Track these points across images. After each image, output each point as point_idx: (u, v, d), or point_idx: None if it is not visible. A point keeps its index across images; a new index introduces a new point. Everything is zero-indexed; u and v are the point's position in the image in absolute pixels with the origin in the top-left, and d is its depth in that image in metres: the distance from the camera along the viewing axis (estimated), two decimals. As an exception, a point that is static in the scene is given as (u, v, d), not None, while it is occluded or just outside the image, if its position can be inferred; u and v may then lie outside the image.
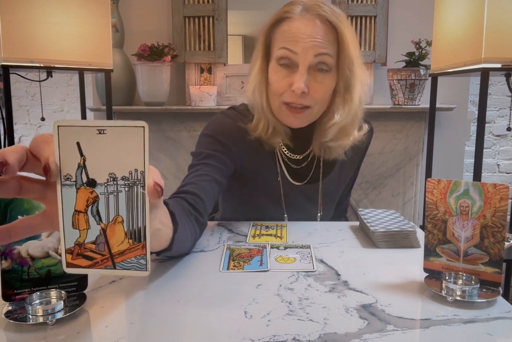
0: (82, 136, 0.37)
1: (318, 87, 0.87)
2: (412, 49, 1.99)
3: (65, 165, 0.38)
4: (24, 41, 1.43)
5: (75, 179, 0.38)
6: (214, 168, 0.89)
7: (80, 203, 0.39)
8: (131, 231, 0.39)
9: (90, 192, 0.39)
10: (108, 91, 1.75)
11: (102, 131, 0.37)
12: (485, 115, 1.46)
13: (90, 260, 0.40)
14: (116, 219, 0.39)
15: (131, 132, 0.37)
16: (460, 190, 0.58)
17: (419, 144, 2.17)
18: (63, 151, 0.38)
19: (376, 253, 0.76)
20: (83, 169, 0.38)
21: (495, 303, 0.56)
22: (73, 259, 0.40)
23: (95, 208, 0.39)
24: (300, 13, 0.86)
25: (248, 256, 0.73)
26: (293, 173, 1.00)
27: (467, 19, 1.44)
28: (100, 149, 0.38)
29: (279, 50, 0.87)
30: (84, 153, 0.38)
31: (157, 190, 0.39)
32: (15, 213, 0.51)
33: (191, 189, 0.80)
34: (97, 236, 0.40)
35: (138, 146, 0.37)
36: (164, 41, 2.07)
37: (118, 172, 0.38)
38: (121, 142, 0.37)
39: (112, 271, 0.40)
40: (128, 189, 0.39)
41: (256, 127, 0.94)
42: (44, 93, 2.56)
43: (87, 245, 0.40)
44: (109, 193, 0.39)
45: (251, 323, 0.51)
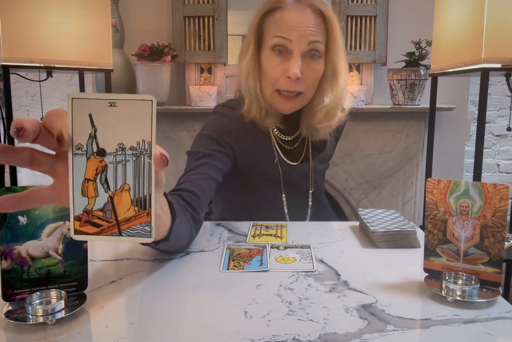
0: (94, 108, 0.39)
1: (310, 73, 0.93)
2: (412, 49, 1.99)
3: (77, 135, 0.40)
4: (24, 41, 1.43)
5: (86, 148, 0.40)
6: (211, 167, 0.90)
7: (90, 171, 0.40)
8: (137, 198, 0.41)
9: (99, 161, 0.40)
10: (108, 91, 1.75)
11: (113, 104, 0.39)
12: (485, 115, 1.46)
13: (97, 227, 0.41)
14: (123, 187, 0.41)
15: (140, 105, 0.39)
16: (460, 190, 0.58)
17: (419, 144, 2.17)
18: (76, 122, 0.39)
19: (376, 253, 0.76)
20: (94, 140, 0.40)
21: (495, 303, 0.56)
22: (81, 226, 0.41)
23: (103, 176, 0.41)
24: (292, 3, 0.92)
25: (248, 256, 0.73)
26: (288, 153, 1.05)
27: (467, 19, 1.44)
28: (110, 120, 0.40)
29: (274, 38, 0.92)
30: (95, 124, 0.40)
31: (163, 159, 0.41)
32: (15, 213, 0.51)
33: (187, 187, 0.81)
34: (104, 203, 0.41)
35: (146, 119, 0.40)
36: (164, 41, 2.07)
37: (126, 142, 0.40)
38: (130, 114, 0.40)
39: (118, 238, 0.42)
40: (135, 158, 0.40)
41: (250, 110, 0.98)
42: (44, 93, 2.55)
43: (95, 212, 0.41)
44: (117, 162, 0.41)
45: (251, 323, 0.51)
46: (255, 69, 0.96)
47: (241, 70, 0.98)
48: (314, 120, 0.99)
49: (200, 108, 2.02)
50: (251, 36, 0.96)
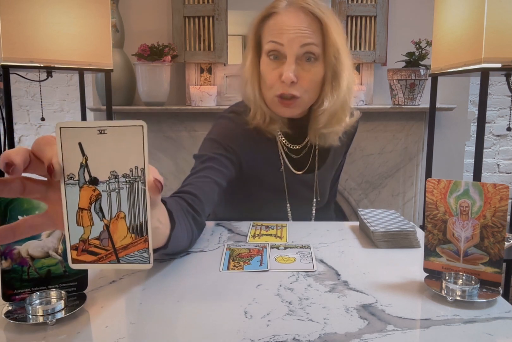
0: (83, 136, 0.39)
1: (306, 76, 0.92)
2: (412, 49, 1.99)
3: (68, 165, 0.39)
4: (24, 41, 1.43)
5: (78, 177, 0.40)
6: (215, 170, 0.90)
7: (84, 200, 0.40)
8: (133, 225, 0.41)
9: (92, 189, 0.40)
10: (108, 91, 1.75)
11: (102, 131, 0.39)
12: (485, 115, 1.46)
13: (95, 255, 0.41)
14: (118, 215, 0.41)
15: (130, 131, 0.39)
16: (460, 190, 0.58)
17: (419, 144, 2.17)
18: (66, 151, 0.39)
19: (376, 253, 0.76)
20: (86, 168, 0.40)
21: (495, 303, 0.56)
22: (78, 255, 0.41)
23: (98, 205, 0.40)
24: (284, 7, 0.92)
25: (248, 256, 0.73)
26: (293, 162, 1.04)
27: (467, 19, 1.44)
28: (101, 148, 0.39)
29: (268, 43, 0.92)
30: (86, 153, 0.39)
31: (157, 185, 0.40)
32: (15, 213, 0.51)
33: (189, 189, 0.81)
34: (100, 231, 0.41)
35: (137, 145, 0.39)
36: (164, 41, 2.07)
37: (119, 169, 0.40)
38: (121, 141, 0.39)
39: (116, 265, 0.42)
40: (129, 185, 0.40)
41: (254, 117, 0.98)
42: (44, 93, 2.56)
43: (91, 240, 0.41)
44: (111, 190, 0.40)
45: (251, 323, 0.51)
46: (254, 76, 0.96)
47: (241, 78, 0.99)
48: (318, 125, 0.98)
49: (200, 108, 2.02)
50: (249, 43, 0.97)
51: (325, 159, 1.08)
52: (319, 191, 1.08)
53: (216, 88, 2.07)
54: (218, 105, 2.06)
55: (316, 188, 1.07)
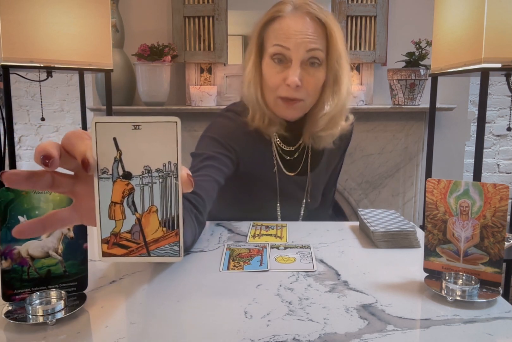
0: (118, 131, 0.39)
1: (310, 80, 0.92)
2: (412, 49, 1.99)
3: (102, 159, 0.40)
4: (24, 41, 1.43)
5: (111, 172, 0.40)
6: (215, 169, 0.90)
7: (116, 194, 0.40)
8: (165, 219, 0.41)
9: (126, 184, 0.40)
10: (108, 91, 1.75)
11: (137, 126, 0.39)
12: (485, 115, 1.46)
13: (126, 248, 0.41)
14: (150, 209, 0.41)
15: (164, 127, 0.39)
16: (460, 190, 0.58)
17: (419, 144, 2.17)
18: (100, 146, 0.39)
19: (376, 253, 0.76)
20: (119, 163, 0.40)
21: (495, 303, 0.56)
22: (109, 248, 0.41)
23: (130, 199, 0.41)
24: (290, 11, 0.92)
25: (248, 256, 0.73)
26: (287, 163, 1.05)
27: (467, 19, 1.44)
28: (135, 143, 0.40)
29: (273, 47, 0.92)
30: (120, 147, 0.40)
31: (191, 180, 0.41)
32: (15, 213, 0.51)
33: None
34: (132, 225, 0.41)
35: (171, 140, 0.40)
36: (164, 41, 2.07)
37: (152, 164, 0.40)
38: (155, 136, 0.40)
39: (147, 258, 0.42)
40: (162, 180, 0.41)
41: (253, 119, 0.99)
42: (44, 93, 2.56)
43: (122, 234, 0.41)
44: (144, 185, 0.41)
45: (251, 323, 0.51)
46: (256, 78, 0.96)
47: (243, 79, 0.99)
48: (316, 128, 0.99)
49: (200, 108, 2.02)
50: (252, 45, 0.97)
51: (318, 161, 1.08)
52: (311, 192, 1.09)
53: (216, 88, 2.07)
54: (218, 105, 2.06)
55: (307, 190, 1.08)
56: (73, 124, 2.71)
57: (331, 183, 1.18)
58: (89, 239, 0.58)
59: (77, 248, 0.56)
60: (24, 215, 0.52)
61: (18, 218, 0.51)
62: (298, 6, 0.92)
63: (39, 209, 0.52)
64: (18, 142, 2.70)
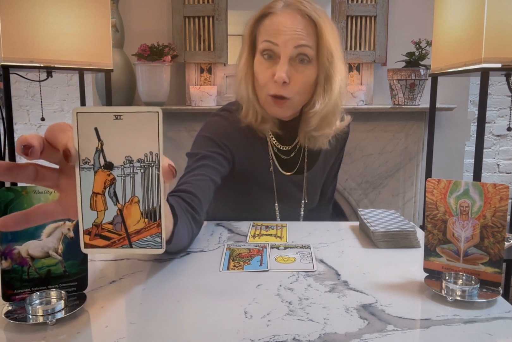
0: (99, 121, 0.39)
1: (298, 78, 0.92)
2: (412, 49, 1.99)
3: (84, 149, 0.40)
4: (24, 41, 1.43)
5: (93, 162, 0.40)
6: (211, 168, 0.90)
7: (98, 185, 0.40)
8: (147, 210, 0.41)
9: (107, 174, 0.40)
10: (108, 91, 1.75)
11: (118, 116, 0.39)
12: (485, 115, 1.46)
13: (108, 240, 0.41)
14: (132, 200, 0.41)
15: (146, 117, 0.39)
16: (460, 190, 0.58)
17: (419, 144, 2.17)
18: (82, 136, 0.39)
19: (376, 253, 0.76)
20: (101, 153, 0.40)
21: (495, 303, 0.56)
22: (90, 239, 0.41)
23: (112, 189, 0.41)
24: (281, 8, 0.92)
25: (248, 256, 0.73)
26: (283, 163, 1.05)
27: (467, 19, 1.44)
28: (116, 133, 0.40)
29: (262, 43, 0.93)
30: (101, 138, 0.40)
31: (172, 170, 0.41)
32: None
33: (186, 188, 0.81)
34: (114, 216, 0.41)
35: (152, 130, 0.39)
36: (164, 41, 2.07)
37: (134, 154, 0.40)
38: (136, 126, 0.39)
39: (129, 250, 0.42)
40: (143, 170, 0.40)
41: (247, 116, 0.99)
42: (44, 93, 2.56)
43: (104, 225, 0.41)
44: (125, 175, 0.40)
45: (251, 323, 0.51)
46: (249, 75, 0.96)
47: (236, 76, 1.00)
48: (308, 127, 0.98)
49: (200, 108, 2.02)
50: (245, 42, 0.98)
51: (315, 161, 1.08)
52: (308, 192, 1.09)
53: (216, 88, 2.07)
54: (218, 105, 2.06)
55: (304, 189, 1.08)
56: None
57: (329, 181, 1.18)
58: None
59: (77, 248, 0.55)
60: (24, 215, 0.52)
61: (18, 218, 0.51)
62: (289, 3, 0.92)
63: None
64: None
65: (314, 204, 1.13)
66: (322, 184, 1.14)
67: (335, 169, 1.19)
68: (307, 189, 1.08)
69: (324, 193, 1.18)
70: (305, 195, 1.08)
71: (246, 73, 0.97)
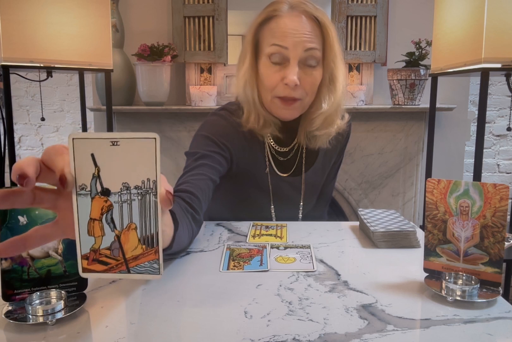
0: (96, 148, 0.39)
1: (307, 80, 0.92)
2: (412, 49, 1.99)
3: (80, 175, 0.39)
4: (24, 41, 1.43)
5: (90, 188, 0.40)
6: (209, 167, 0.90)
7: (95, 211, 0.40)
8: (144, 237, 0.41)
9: (104, 200, 0.40)
10: (108, 91, 1.75)
11: (115, 142, 0.39)
12: (485, 115, 1.46)
13: (105, 265, 0.41)
14: (129, 226, 0.41)
15: (143, 143, 0.39)
16: (460, 190, 0.58)
17: (419, 144, 2.16)
18: (78, 162, 0.39)
19: (376, 253, 0.76)
20: (98, 179, 0.40)
21: (495, 303, 0.56)
22: (88, 264, 0.41)
23: (109, 215, 0.41)
24: (287, 10, 0.91)
25: (248, 256, 0.73)
26: (280, 164, 1.04)
27: (467, 19, 1.44)
28: (113, 160, 0.39)
29: (270, 46, 0.91)
30: (98, 164, 0.39)
31: (169, 198, 0.40)
32: (15, 213, 0.51)
33: (186, 188, 0.81)
34: (111, 242, 0.41)
35: (150, 157, 0.39)
36: (164, 41, 2.07)
37: (131, 181, 0.40)
38: (133, 153, 0.39)
39: (126, 275, 0.42)
40: (141, 197, 0.40)
41: (248, 120, 0.98)
42: (44, 93, 2.56)
43: (102, 250, 0.41)
44: (122, 201, 0.40)
45: (251, 323, 0.51)
46: (253, 78, 0.96)
47: (238, 80, 0.98)
48: (312, 127, 0.98)
49: (200, 108, 2.02)
50: (248, 45, 0.96)
51: (313, 162, 1.07)
52: (306, 193, 1.08)
53: (216, 88, 2.07)
54: (218, 105, 2.06)
55: (302, 191, 1.07)
56: (73, 124, 2.71)
57: (328, 182, 1.17)
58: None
59: (77, 248, 0.56)
60: (24, 215, 0.52)
61: (18, 218, 0.51)
62: (294, 5, 0.91)
63: (39, 209, 0.52)
64: (18, 142, 2.71)
65: (311, 206, 1.13)
66: (321, 184, 1.13)
67: (335, 170, 1.18)
68: (305, 190, 1.07)
69: (323, 193, 1.17)
70: (303, 196, 1.08)
71: (250, 77, 0.96)
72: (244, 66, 0.97)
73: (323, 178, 1.12)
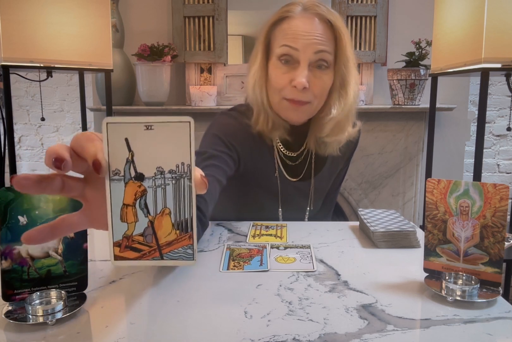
0: (130, 132, 0.38)
1: (317, 83, 0.90)
2: (412, 49, 1.99)
3: (114, 160, 0.39)
4: (24, 41, 1.43)
5: (123, 173, 0.39)
6: (217, 168, 0.89)
7: (129, 196, 0.39)
8: (178, 222, 0.40)
9: (138, 185, 0.39)
10: (108, 91, 1.75)
11: (149, 127, 0.38)
12: (485, 115, 1.46)
13: (138, 252, 0.40)
14: (163, 211, 0.40)
15: (177, 127, 0.38)
16: (460, 190, 0.58)
17: (419, 144, 2.17)
18: (112, 147, 0.38)
19: (376, 253, 0.76)
20: (131, 164, 0.39)
21: (495, 303, 0.56)
22: (121, 251, 0.40)
23: (143, 201, 0.40)
24: (299, 12, 0.90)
25: (248, 256, 0.73)
26: (289, 169, 1.03)
27: (467, 19, 1.44)
28: (147, 144, 0.39)
29: (280, 47, 0.90)
30: (132, 148, 0.39)
31: (204, 181, 0.40)
32: (15, 213, 0.51)
33: None
34: (145, 228, 0.40)
35: (184, 141, 0.38)
36: (164, 41, 2.07)
37: (165, 165, 0.39)
38: (167, 137, 0.38)
39: (160, 262, 0.41)
40: (175, 181, 0.39)
41: (257, 121, 0.97)
42: (44, 93, 2.56)
43: (135, 237, 0.40)
44: (156, 186, 0.40)
45: (251, 323, 0.51)
46: (262, 79, 0.95)
47: (248, 80, 0.98)
48: (322, 133, 0.96)
49: (200, 108, 2.02)
50: (259, 45, 0.95)
51: (321, 167, 1.06)
52: (314, 199, 1.07)
53: (216, 88, 2.07)
54: (218, 105, 2.06)
55: (311, 195, 1.06)
56: (73, 124, 2.71)
57: (334, 188, 1.16)
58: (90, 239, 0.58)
59: (77, 248, 0.56)
60: (24, 215, 0.52)
61: (18, 218, 0.51)
62: (307, 7, 0.90)
63: (39, 209, 0.52)
64: (18, 142, 2.70)
65: (317, 210, 1.12)
66: (327, 190, 1.12)
67: (341, 177, 1.17)
68: (313, 195, 1.06)
69: (328, 199, 1.16)
70: (311, 201, 1.07)
71: (259, 77, 0.95)
72: (254, 66, 0.96)
73: (329, 184, 1.11)
